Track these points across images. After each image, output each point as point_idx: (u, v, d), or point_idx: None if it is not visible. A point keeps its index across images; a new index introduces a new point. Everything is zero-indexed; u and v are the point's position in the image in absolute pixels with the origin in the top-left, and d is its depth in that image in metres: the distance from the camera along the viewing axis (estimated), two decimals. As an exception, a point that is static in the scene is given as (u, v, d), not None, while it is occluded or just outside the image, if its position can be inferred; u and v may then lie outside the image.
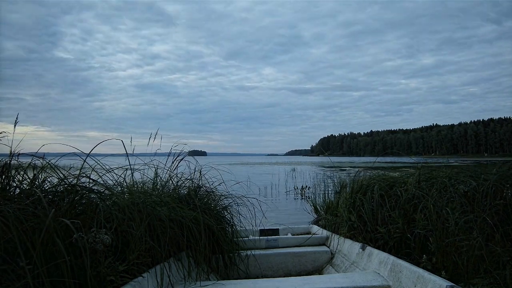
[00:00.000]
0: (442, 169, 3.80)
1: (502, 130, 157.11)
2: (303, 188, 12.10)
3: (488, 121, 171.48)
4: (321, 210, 5.97)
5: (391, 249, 3.00)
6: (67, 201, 2.01)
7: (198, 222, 2.73)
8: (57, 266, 1.66)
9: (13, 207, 1.69)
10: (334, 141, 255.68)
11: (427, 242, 2.73)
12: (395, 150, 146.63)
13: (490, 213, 2.67)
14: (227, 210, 3.49)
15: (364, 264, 3.01)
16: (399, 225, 3.01)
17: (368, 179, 3.85)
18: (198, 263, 2.77)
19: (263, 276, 3.39)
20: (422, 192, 3.13)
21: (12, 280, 1.52)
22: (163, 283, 2.28)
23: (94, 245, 1.79)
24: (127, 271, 2.05)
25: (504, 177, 3.10)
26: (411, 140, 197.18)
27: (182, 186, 3.37)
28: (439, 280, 2.07)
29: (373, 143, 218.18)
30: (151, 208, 2.49)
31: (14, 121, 2.30)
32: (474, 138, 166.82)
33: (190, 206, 2.96)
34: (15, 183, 2.11)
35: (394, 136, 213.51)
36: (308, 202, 7.93)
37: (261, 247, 3.81)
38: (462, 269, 2.40)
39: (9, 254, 1.60)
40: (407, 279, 2.35)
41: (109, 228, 2.03)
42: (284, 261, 3.56)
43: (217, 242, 3.08)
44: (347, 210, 3.64)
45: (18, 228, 1.61)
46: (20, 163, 2.20)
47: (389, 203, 3.27)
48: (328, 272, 3.42)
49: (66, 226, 1.74)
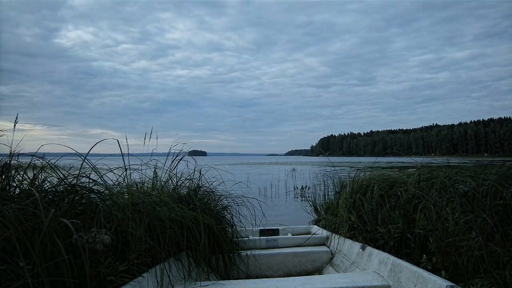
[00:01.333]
0: (442, 169, 3.80)
1: (502, 130, 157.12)
2: (303, 188, 12.10)
3: (488, 121, 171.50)
4: (321, 210, 5.96)
5: (391, 249, 3.00)
6: (67, 201, 2.01)
7: (198, 222, 2.73)
8: (56, 266, 1.66)
9: (12, 207, 1.69)
10: (334, 141, 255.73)
11: (427, 242, 2.73)
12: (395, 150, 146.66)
13: (490, 213, 2.67)
14: (227, 210, 3.49)
15: (364, 264, 3.01)
16: (399, 225, 3.01)
17: (368, 179, 3.85)
18: (198, 263, 2.76)
19: (263, 276, 3.39)
20: (422, 192, 3.13)
21: (11, 280, 1.51)
22: (163, 283, 2.27)
23: (94, 245, 1.79)
24: (127, 271, 2.05)
25: (504, 177, 3.10)
26: (411, 140, 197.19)
27: (182, 186, 3.37)
28: (439, 280, 2.07)
29: (373, 143, 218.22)
30: (151, 208, 2.49)
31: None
32: (474, 138, 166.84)
33: (190, 206, 2.96)
34: (15, 183, 2.11)
35: (394, 136, 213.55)
36: (308, 202, 7.93)
37: (261, 247, 3.81)
38: (462, 269, 2.40)
39: (9, 254, 1.60)
40: (407, 279, 2.35)
41: (109, 228, 2.03)
42: (284, 261, 3.56)
43: (217, 242, 3.08)
44: (347, 210, 3.64)
45: (18, 228, 1.61)
46: (20, 163, 2.20)
47: (389, 203, 3.27)
48: (328, 272, 3.42)
49: (66, 226, 1.74)
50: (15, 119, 2.36)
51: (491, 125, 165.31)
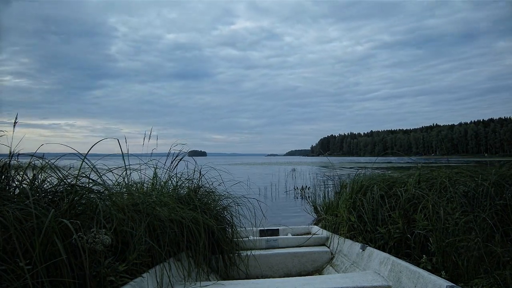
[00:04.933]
0: (442, 169, 3.79)
1: (502, 130, 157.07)
2: (303, 188, 12.09)
3: (488, 121, 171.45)
4: (321, 210, 5.96)
5: (391, 249, 2.99)
6: (66, 201, 2.01)
7: (198, 223, 2.73)
8: (56, 266, 1.65)
9: (12, 207, 1.69)
10: (334, 141, 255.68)
11: (427, 242, 2.73)
12: (395, 150, 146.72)
13: (490, 213, 2.67)
14: (227, 210, 3.49)
15: (364, 264, 3.01)
16: (399, 225, 3.01)
17: (368, 179, 3.85)
18: (198, 263, 2.76)
19: (263, 276, 3.39)
20: (422, 192, 3.13)
21: (11, 280, 1.51)
22: (163, 283, 2.27)
23: (94, 245, 1.79)
24: (127, 271, 2.05)
25: (504, 177, 3.10)
26: (411, 140, 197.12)
27: (181, 186, 3.37)
28: (439, 280, 2.07)
29: (373, 143, 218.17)
30: (150, 209, 2.49)
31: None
32: (474, 138, 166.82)
33: (190, 206, 2.95)
34: (15, 183, 2.11)
35: (394, 136, 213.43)
36: (308, 202, 7.93)
37: (261, 247, 3.81)
38: (462, 269, 2.40)
39: (9, 254, 1.60)
40: (407, 279, 2.35)
41: (108, 228, 2.03)
42: (284, 261, 3.56)
43: (217, 242, 3.08)
44: (347, 210, 3.63)
45: (18, 228, 1.61)
46: (19, 163, 2.20)
47: (389, 203, 3.27)
48: (328, 272, 3.42)
49: (65, 226, 1.73)
50: (14, 119, 2.36)
51: (491, 125, 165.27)
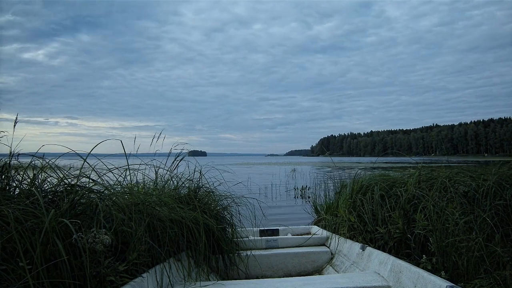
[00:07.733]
0: (442, 169, 3.79)
1: (502, 130, 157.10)
2: (303, 188, 12.09)
3: (488, 121, 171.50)
4: (321, 210, 5.96)
5: (391, 250, 3.00)
6: (66, 201, 2.01)
7: (198, 222, 2.73)
8: (56, 266, 1.66)
9: (12, 207, 1.69)
10: (334, 141, 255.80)
11: (427, 242, 2.73)
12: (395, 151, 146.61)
13: (490, 213, 2.67)
14: (227, 210, 3.49)
15: (364, 264, 3.01)
16: (399, 226, 3.01)
17: (368, 179, 3.85)
18: (198, 263, 2.76)
19: (263, 276, 3.39)
20: (422, 192, 3.13)
21: (11, 280, 1.51)
22: (163, 283, 2.27)
23: (94, 245, 1.79)
24: (127, 271, 2.05)
25: (504, 177, 3.09)
26: (411, 140, 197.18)
27: (182, 186, 3.37)
28: (439, 281, 2.07)
29: (373, 144, 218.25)
30: (151, 208, 2.49)
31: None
32: (474, 139, 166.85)
33: (190, 206, 2.96)
34: (15, 183, 2.11)
35: (394, 136, 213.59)
36: (308, 202, 7.93)
37: (261, 248, 3.81)
38: (462, 270, 2.40)
39: (9, 254, 1.60)
40: (407, 280, 2.35)
41: (108, 228, 2.03)
42: (284, 261, 3.56)
43: (217, 242, 3.08)
44: (347, 211, 3.64)
45: (18, 228, 1.61)
46: (20, 163, 2.20)
47: (389, 203, 3.27)
48: (328, 272, 3.42)
49: (66, 226, 1.74)
50: (15, 119, 2.36)
51: (491, 125, 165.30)
